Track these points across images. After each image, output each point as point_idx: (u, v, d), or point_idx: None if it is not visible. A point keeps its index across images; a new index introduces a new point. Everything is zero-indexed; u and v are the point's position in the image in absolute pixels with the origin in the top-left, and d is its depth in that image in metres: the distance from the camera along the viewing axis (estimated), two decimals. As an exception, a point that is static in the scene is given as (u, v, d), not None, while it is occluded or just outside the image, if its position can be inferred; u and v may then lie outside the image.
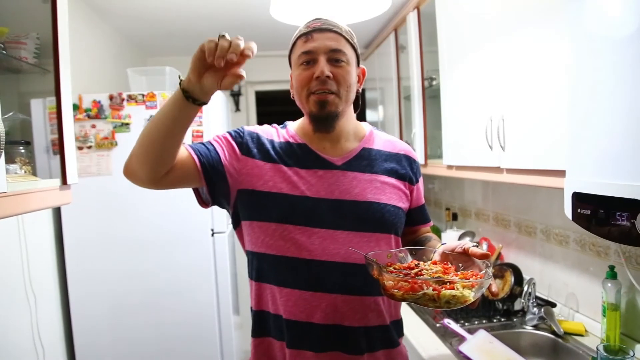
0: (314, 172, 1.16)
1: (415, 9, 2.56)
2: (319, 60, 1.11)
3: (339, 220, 1.13)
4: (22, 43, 1.43)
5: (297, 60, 1.14)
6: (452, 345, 1.72)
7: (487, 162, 1.78)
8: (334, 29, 1.14)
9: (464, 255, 1.01)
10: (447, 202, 3.20)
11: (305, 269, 1.11)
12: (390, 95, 3.23)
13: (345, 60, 1.13)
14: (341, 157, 1.19)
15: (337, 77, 1.12)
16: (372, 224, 1.15)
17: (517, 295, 1.98)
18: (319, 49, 1.11)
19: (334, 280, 1.11)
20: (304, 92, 1.13)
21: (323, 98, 1.12)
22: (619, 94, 0.93)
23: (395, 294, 0.92)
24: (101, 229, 2.32)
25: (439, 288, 0.89)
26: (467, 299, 0.89)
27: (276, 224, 1.12)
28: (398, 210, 1.20)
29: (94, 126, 2.28)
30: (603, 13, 0.98)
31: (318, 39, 1.12)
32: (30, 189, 1.24)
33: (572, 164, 1.11)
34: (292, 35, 1.19)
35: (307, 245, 1.11)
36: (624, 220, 0.91)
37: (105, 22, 2.93)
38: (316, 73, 1.10)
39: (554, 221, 1.99)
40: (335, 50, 1.12)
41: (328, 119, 1.15)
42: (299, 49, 1.14)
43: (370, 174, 1.19)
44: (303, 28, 1.16)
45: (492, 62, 1.72)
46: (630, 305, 1.57)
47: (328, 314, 1.11)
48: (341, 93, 1.13)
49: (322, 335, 1.12)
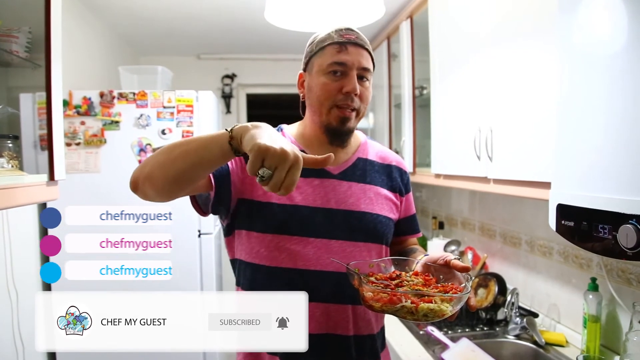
0: (310, 180, 1.15)
1: (409, 18, 2.59)
2: (349, 75, 1.10)
3: (333, 229, 1.12)
4: (14, 36, 1.42)
5: (326, 67, 1.11)
6: (434, 353, 1.72)
7: (475, 172, 1.80)
8: (366, 46, 1.13)
9: (446, 267, 1.01)
10: (434, 210, 3.21)
11: (300, 279, 1.10)
12: (381, 103, 3.25)
13: (369, 79, 1.14)
14: (337, 166, 1.18)
15: (362, 95, 1.12)
16: (365, 234, 1.16)
17: (500, 304, 2.00)
18: (353, 63, 1.10)
19: (327, 290, 1.11)
20: (327, 103, 1.11)
21: (347, 115, 1.11)
22: (607, 108, 0.94)
23: (374, 305, 0.93)
24: (87, 226, 2.29)
25: (417, 301, 0.89)
26: (445, 313, 0.89)
27: (272, 234, 1.12)
28: (389, 221, 1.21)
29: (83, 123, 2.26)
30: (592, 28, 1.00)
31: (352, 53, 1.10)
32: (17, 183, 1.23)
33: (557, 176, 1.12)
34: (286, 38, 1.19)
35: (302, 255, 1.11)
36: (606, 233, 0.92)
37: (98, 19, 2.91)
38: (347, 88, 1.09)
39: (538, 233, 2.01)
40: (365, 68, 1.12)
41: (345, 134, 1.16)
42: (331, 57, 1.10)
43: (364, 184, 1.19)
44: (336, 36, 1.12)
45: (482, 73, 1.74)
46: (611, 317, 1.59)
47: (321, 323, 1.11)
48: (361, 111, 1.14)
49: (317, 344, 1.10)
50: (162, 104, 2.33)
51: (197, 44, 3.69)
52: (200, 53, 3.98)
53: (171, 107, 2.33)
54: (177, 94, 2.35)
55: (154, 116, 2.32)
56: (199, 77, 3.96)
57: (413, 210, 1.33)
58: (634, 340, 1.33)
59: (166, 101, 2.33)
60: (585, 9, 1.01)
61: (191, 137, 1.05)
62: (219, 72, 4.06)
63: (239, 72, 4.07)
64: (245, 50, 3.85)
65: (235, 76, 4.08)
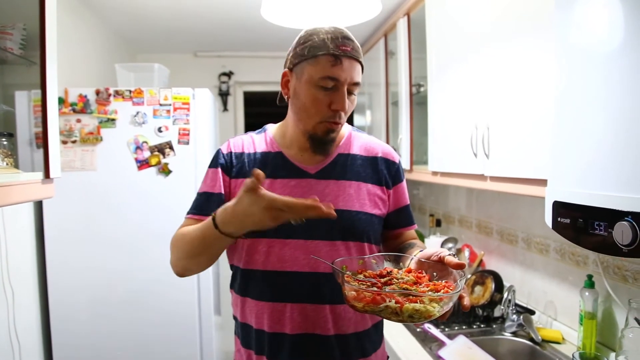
0: (287, 181, 1.15)
1: (406, 15, 2.59)
2: (340, 91, 1.08)
3: (310, 230, 1.10)
4: (8, 33, 1.41)
5: (318, 80, 1.08)
6: (431, 350, 1.73)
7: (472, 169, 1.80)
8: (359, 59, 1.12)
9: (440, 264, 0.98)
10: (431, 208, 3.22)
11: (275, 281, 1.13)
12: (378, 101, 3.25)
13: (357, 92, 1.14)
14: (315, 165, 1.18)
15: (347, 109, 1.12)
16: (343, 233, 1.14)
17: (497, 302, 2.00)
18: (346, 79, 1.08)
19: (304, 290, 1.12)
20: (316, 117, 1.11)
21: (333, 128, 1.12)
22: (603, 106, 0.94)
23: (356, 305, 0.88)
24: (83, 224, 2.29)
25: (402, 301, 0.84)
26: (432, 314, 0.84)
27: (251, 239, 1.13)
28: (371, 217, 1.18)
29: (79, 120, 2.25)
30: (589, 25, 1.00)
31: (346, 69, 1.08)
32: (12, 181, 1.22)
33: (553, 173, 1.12)
34: (282, 36, 1.18)
35: (280, 257, 1.12)
36: (602, 230, 0.93)
37: (94, 16, 2.90)
38: (336, 106, 1.09)
39: (535, 230, 2.02)
40: (356, 83, 1.11)
41: (329, 143, 1.16)
42: (324, 70, 1.07)
43: (343, 180, 1.17)
44: (332, 46, 1.07)
45: (479, 71, 1.74)
46: (607, 314, 1.60)
47: (299, 323, 1.12)
48: (344, 120, 1.14)
49: (297, 345, 1.12)
50: (158, 102, 2.32)
51: (194, 42, 3.68)
52: (197, 50, 3.97)
53: (167, 104, 2.32)
54: (173, 91, 2.34)
55: (150, 114, 2.31)
56: (196, 75, 3.95)
57: (405, 202, 1.29)
58: (629, 337, 1.34)
59: (162, 99, 2.32)
60: (582, 6, 1.01)
61: (191, 232, 1.08)
62: (216, 70, 4.06)
63: (236, 70, 4.07)
64: (242, 47, 3.85)
65: (232, 74, 4.07)
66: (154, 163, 2.31)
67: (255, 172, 0.88)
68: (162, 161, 2.32)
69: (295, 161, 1.18)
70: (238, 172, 1.18)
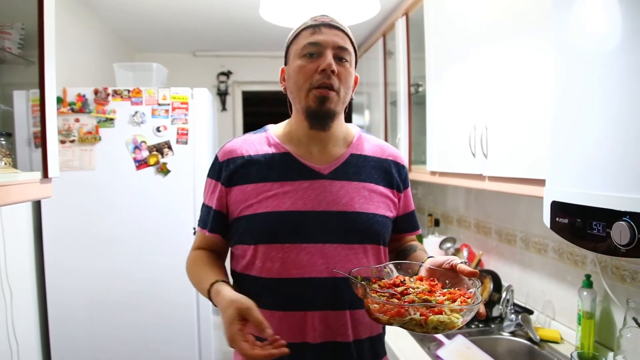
0: (299, 183, 1.10)
1: (404, 15, 2.59)
2: (325, 54, 1.06)
3: (327, 233, 1.07)
4: (7, 33, 1.41)
5: (301, 50, 1.08)
6: (430, 350, 1.73)
7: (470, 169, 1.80)
8: (342, 28, 1.10)
9: (452, 271, 0.97)
10: (430, 208, 3.22)
11: (295, 288, 1.07)
12: (376, 100, 3.25)
13: (348, 60, 1.09)
14: (328, 165, 1.13)
15: (340, 75, 1.07)
16: (361, 235, 1.10)
17: (496, 301, 2.00)
18: (328, 43, 1.06)
19: (324, 297, 1.07)
20: (305, 86, 1.07)
21: (325, 94, 1.06)
22: (602, 106, 0.94)
23: (381, 318, 0.87)
24: (81, 224, 2.29)
25: (426, 313, 0.83)
26: (455, 325, 0.83)
27: (265, 245, 1.08)
28: (386, 220, 1.15)
29: (77, 120, 2.25)
30: (587, 24, 1.00)
31: (326, 34, 1.07)
32: (10, 181, 1.22)
33: (552, 174, 1.12)
34: (281, 35, 1.18)
35: (296, 263, 1.06)
36: (600, 230, 0.93)
37: (92, 15, 2.90)
38: (322, 65, 1.04)
39: (533, 230, 2.02)
40: (342, 47, 1.08)
41: (326, 117, 1.09)
42: (304, 40, 1.08)
43: (358, 182, 1.13)
44: (309, 21, 1.11)
45: (478, 71, 1.74)
46: (605, 313, 1.60)
47: (320, 331, 1.07)
48: (341, 92, 1.08)
49: (317, 353, 1.08)
50: (157, 101, 2.32)
51: (192, 41, 3.68)
52: (196, 50, 3.97)
53: (166, 104, 2.32)
54: (172, 91, 2.34)
55: (149, 113, 2.31)
56: (194, 75, 3.95)
57: (412, 207, 1.27)
58: (627, 337, 1.34)
59: (161, 98, 2.32)
60: (580, 6, 1.01)
61: (198, 269, 1.13)
62: (215, 70, 4.06)
63: (235, 70, 4.07)
64: (240, 47, 3.85)
65: (231, 73, 4.07)
66: (152, 163, 2.31)
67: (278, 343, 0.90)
68: (161, 161, 2.32)
69: (305, 161, 1.12)
70: (236, 178, 1.12)
